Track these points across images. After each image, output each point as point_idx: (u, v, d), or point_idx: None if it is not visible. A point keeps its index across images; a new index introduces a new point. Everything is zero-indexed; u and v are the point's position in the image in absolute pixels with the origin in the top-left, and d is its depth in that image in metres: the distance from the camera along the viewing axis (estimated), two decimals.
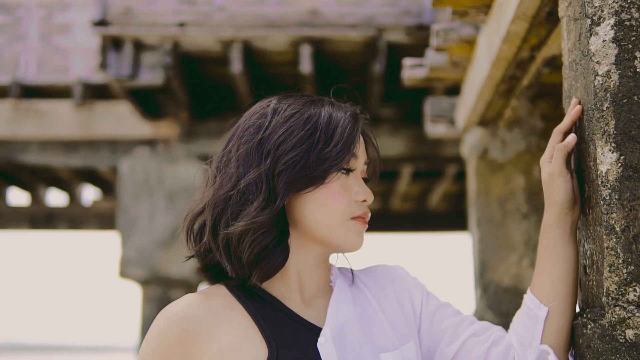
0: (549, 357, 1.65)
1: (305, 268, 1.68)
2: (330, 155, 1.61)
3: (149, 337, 1.60)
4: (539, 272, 1.75)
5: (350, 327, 1.67)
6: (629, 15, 1.67)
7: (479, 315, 4.41)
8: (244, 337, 1.58)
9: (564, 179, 1.70)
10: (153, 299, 7.10)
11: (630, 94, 1.65)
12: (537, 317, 1.70)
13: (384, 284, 1.81)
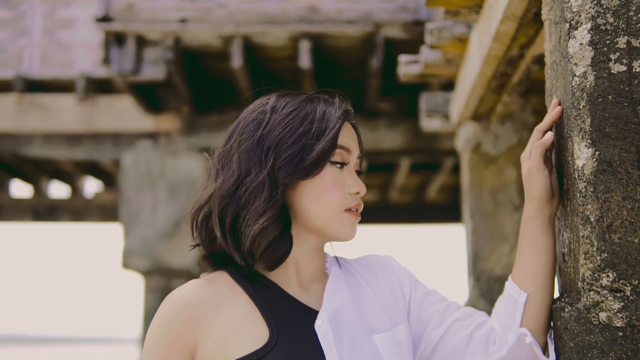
0: (526, 339, 1.75)
1: (302, 256, 1.77)
2: (324, 148, 1.69)
3: (156, 321, 1.68)
4: (519, 260, 1.85)
5: (345, 311, 1.76)
6: (604, 20, 1.76)
7: (472, 303, 4.52)
8: (246, 319, 1.66)
9: (542, 174, 1.80)
10: (155, 289, 7.15)
11: (605, 93, 1.74)
12: (517, 303, 1.80)
13: (376, 272, 1.90)
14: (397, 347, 1.77)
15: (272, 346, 1.62)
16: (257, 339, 1.63)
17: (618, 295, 1.68)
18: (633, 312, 1.65)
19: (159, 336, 1.66)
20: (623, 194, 1.71)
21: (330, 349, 1.66)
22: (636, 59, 1.74)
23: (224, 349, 1.63)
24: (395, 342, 1.78)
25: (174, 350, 1.65)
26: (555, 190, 1.87)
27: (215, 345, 1.64)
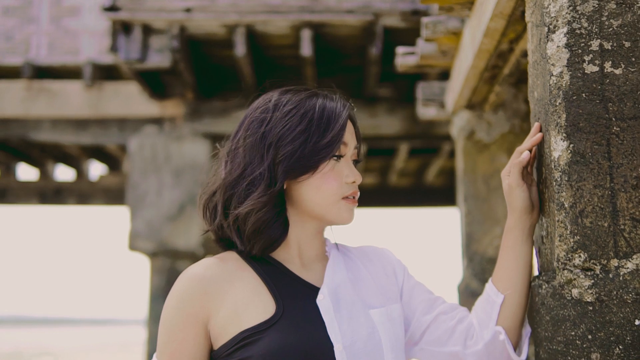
0: (500, 336, 1.90)
1: (303, 238, 1.91)
2: (322, 146, 1.82)
3: (173, 294, 1.81)
4: (499, 266, 2.00)
5: (344, 288, 1.89)
6: (579, 25, 1.87)
7: (465, 283, 4.65)
8: (254, 294, 1.80)
9: (521, 189, 1.94)
10: (161, 270, 7.23)
11: (579, 91, 1.85)
12: (494, 303, 1.95)
13: (373, 258, 2.05)
14: (391, 322, 1.90)
15: (278, 317, 1.75)
16: (265, 311, 1.77)
17: (589, 274, 1.80)
18: (602, 289, 1.77)
19: (175, 309, 1.79)
20: (594, 182, 1.83)
21: (331, 320, 1.79)
22: (607, 60, 1.85)
23: (235, 320, 1.75)
24: (389, 317, 1.90)
25: (189, 321, 1.77)
26: (534, 203, 1.99)
27: (227, 317, 1.76)
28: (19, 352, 38.23)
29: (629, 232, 1.80)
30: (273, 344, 1.71)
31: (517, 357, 1.96)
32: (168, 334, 1.78)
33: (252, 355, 1.71)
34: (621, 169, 1.83)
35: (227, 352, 1.75)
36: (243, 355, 1.72)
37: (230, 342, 1.74)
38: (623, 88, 1.85)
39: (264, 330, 1.74)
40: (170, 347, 1.78)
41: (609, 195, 1.82)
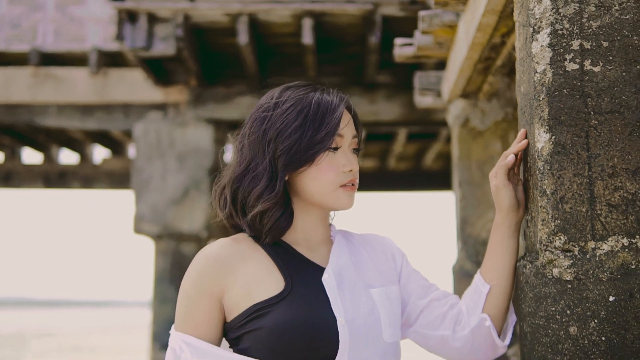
0: (486, 322, 2.06)
1: (309, 224, 2.05)
2: (317, 141, 1.94)
3: (191, 271, 1.96)
4: (487, 258, 2.15)
5: (347, 269, 2.03)
6: (561, 26, 1.98)
7: (459, 264, 4.74)
8: (265, 271, 1.95)
9: (507, 189, 2.08)
10: (166, 252, 7.33)
11: (560, 88, 1.97)
12: (481, 292, 2.11)
13: (375, 244, 2.19)
14: (389, 301, 2.04)
15: (287, 293, 1.90)
16: (275, 287, 1.92)
17: (568, 255, 1.92)
18: (579, 268, 1.90)
19: (192, 285, 1.94)
20: (574, 171, 1.95)
21: (335, 297, 1.94)
22: (587, 59, 1.97)
23: (247, 295, 1.91)
24: (388, 297, 2.04)
25: (206, 296, 1.92)
26: (520, 202, 2.13)
27: (240, 292, 1.91)
28: (22, 334, 38.31)
29: (605, 217, 1.92)
30: (282, 317, 1.86)
31: (501, 342, 2.11)
32: (186, 308, 1.93)
33: (263, 327, 1.85)
34: (598, 159, 1.95)
35: (240, 323, 1.89)
36: (254, 326, 1.86)
37: (243, 315, 1.89)
38: (601, 84, 1.97)
39: (273, 304, 1.88)
40: (187, 319, 1.92)
41: (587, 183, 1.94)
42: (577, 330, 1.90)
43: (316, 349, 1.86)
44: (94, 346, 30.10)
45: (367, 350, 1.94)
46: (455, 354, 2.14)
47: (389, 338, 2.00)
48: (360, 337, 1.93)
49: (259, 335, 1.86)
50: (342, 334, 1.89)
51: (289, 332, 1.85)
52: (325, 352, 1.87)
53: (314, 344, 1.87)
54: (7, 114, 7.78)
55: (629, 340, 1.87)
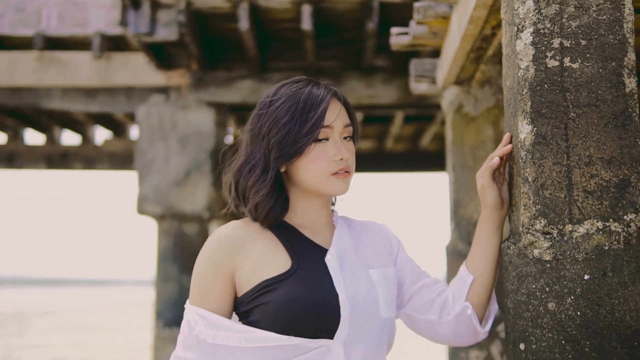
0: (468, 310, 2.24)
1: (311, 210, 2.21)
2: (303, 134, 2.08)
3: (206, 250, 2.13)
4: (472, 251, 2.32)
5: (348, 251, 2.19)
6: (543, 26, 2.12)
7: (452, 244, 4.88)
8: (273, 251, 2.11)
9: (492, 189, 2.24)
10: (169, 232, 7.44)
11: (542, 83, 2.11)
12: (465, 282, 2.28)
13: (373, 230, 2.36)
14: (386, 281, 2.21)
15: (293, 271, 2.07)
16: (282, 266, 2.09)
17: (547, 237, 2.07)
18: (558, 249, 2.05)
19: (207, 263, 2.11)
20: (553, 160, 2.08)
21: (337, 276, 2.10)
22: (567, 56, 2.11)
23: (257, 272, 2.07)
24: (385, 277, 2.22)
25: (219, 273, 2.09)
26: (505, 200, 2.28)
27: (250, 269, 2.08)
28: (22, 313, 38.40)
29: (582, 202, 2.07)
30: (289, 292, 2.03)
31: (482, 329, 2.28)
32: (200, 284, 2.11)
33: (271, 301, 2.02)
34: (576, 149, 2.08)
35: (250, 298, 2.06)
36: (263, 301, 2.03)
37: (253, 290, 2.06)
38: (579, 80, 2.10)
39: (281, 281, 2.05)
40: (202, 295, 2.10)
41: (566, 171, 2.08)
42: (555, 306, 2.05)
43: (319, 322, 2.02)
44: (94, 325, 30.22)
45: (365, 324, 2.10)
46: (440, 337, 2.32)
47: (386, 314, 2.16)
48: (359, 313, 2.09)
49: (268, 308, 2.03)
50: (344, 309, 2.05)
51: (295, 306, 2.01)
52: (328, 325, 2.03)
53: (317, 318, 2.03)
54: (12, 96, 7.83)
55: (602, 315, 2.02)
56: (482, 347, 4.79)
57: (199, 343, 2.07)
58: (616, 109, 2.11)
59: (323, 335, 2.04)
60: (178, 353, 2.12)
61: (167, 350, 7.35)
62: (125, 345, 20.67)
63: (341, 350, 2.05)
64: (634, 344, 2.02)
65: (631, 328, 2.03)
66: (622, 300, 2.04)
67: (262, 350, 2.02)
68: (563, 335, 2.05)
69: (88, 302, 52.47)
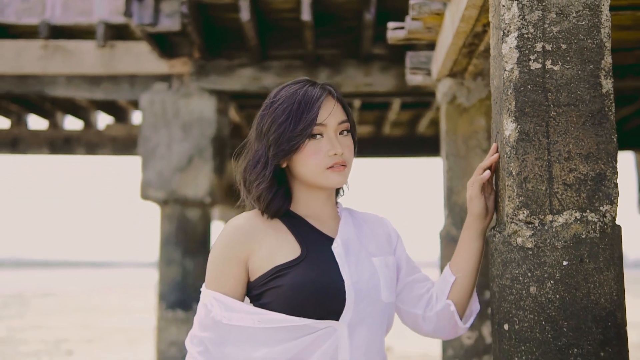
0: (450, 307, 2.44)
1: (316, 202, 2.37)
2: (297, 132, 2.23)
3: (221, 240, 2.28)
4: (456, 254, 2.50)
5: (352, 240, 2.35)
6: (527, 31, 2.24)
7: (446, 230, 5.01)
8: (284, 240, 2.28)
9: (479, 200, 2.41)
10: (171, 217, 7.55)
11: (525, 84, 2.23)
12: (447, 282, 2.46)
13: (374, 222, 2.52)
14: (387, 269, 2.37)
15: (303, 258, 2.24)
16: (293, 253, 2.25)
17: (529, 226, 2.20)
18: (539, 238, 2.18)
19: (222, 251, 2.27)
20: (535, 155, 2.21)
21: (342, 263, 2.26)
22: (548, 59, 2.23)
23: (269, 259, 2.24)
24: (386, 265, 2.38)
25: (233, 260, 2.26)
26: (490, 210, 2.46)
27: (263, 256, 2.25)
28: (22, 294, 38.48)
29: (561, 194, 2.20)
30: (299, 277, 2.19)
31: (463, 325, 2.49)
32: (216, 270, 2.28)
33: (283, 285, 2.20)
34: (556, 145, 2.21)
35: (263, 282, 2.23)
36: (275, 284, 2.21)
37: (266, 275, 2.23)
38: (560, 81, 2.23)
39: (292, 267, 2.22)
40: (217, 280, 2.27)
41: (547, 166, 2.21)
42: (536, 290, 2.19)
43: (326, 305, 2.20)
44: (95, 306, 30.34)
45: (368, 307, 2.27)
46: (421, 330, 2.52)
47: (387, 299, 2.33)
48: (363, 297, 2.26)
49: (279, 291, 2.20)
50: (349, 293, 2.22)
51: (305, 290, 2.18)
52: (334, 308, 2.20)
53: (325, 301, 2.20)
54: (18, 84, 7.88)
55: (579, 298, 2.17)
56: (473, 328, 4.97)
57: (215, 324, 2.24)
58: (594, 108, 2.23)
59: (329, 317, 2.20)
60: (195, 333, 2.28)
61: (170, 331, 7.50)
62: (127, 327, 20.80)
63: (345, 331, 2.21)
64: (607, 324, 2.17)
65: (605, 310, 2.16)
66: (597, 285, 2.18)
67: (273, 330, 2.19)
68: (543, 316, 2.18)
69: (88, 284, 52.53)
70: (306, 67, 7.80)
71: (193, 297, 7.54)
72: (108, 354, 14.96)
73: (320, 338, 2.20)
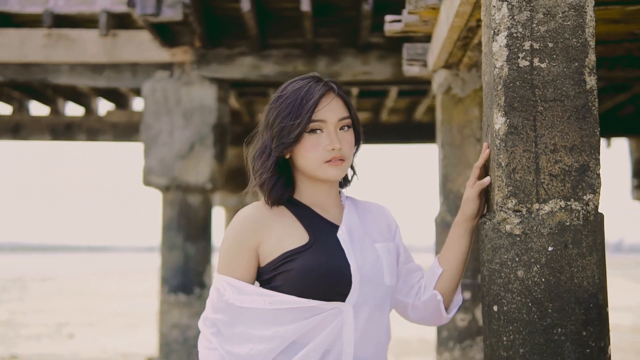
0: (437, 297, 2.57)
1: (319, 191, 2.48)
2: (296, 127, 2.34)
3: (232, 228, 2.41)
4: (444, 248, 2.63)
5: (356, 228, 2.47)
6: (516, 30, 2.33)
7: (441, 216, 5.13)
8: (292, 227, 2.40)
9: (474, 203, 2.54)
10: (173, 203, 7.67)
11: (514, 80, 2.33)
12: (435, 273, 2.60)
13: (375, 211, 2.63)
14: (389, 254, 2.50)
15: (311, 244, 2.36)
16: (301, 240, 2.38)
17: (517, 214, 2.30)
18: (526, 225, 2.29)
19: (234, 239, 2.40)
20: (523, 148, 2.31)
21: (348, 249, 2.39)
22: (536, 57, 2.32)
23: (279, 245, 2.37)
24: (388, 250, 2.50)
25: (245, 248, 2.38)
26: (480, 212, 2.56)
27: (273, 243, 2.37)
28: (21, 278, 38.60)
29: (547, 185, 2.30)
30: (307, 262, 2.33)
31: (446, 315, 2.64)
32: (229, 257, 2.41)
33: (292, 269, 2.33)
34: (543, 138, 2.31)
35: (274, 266, 2.37)
36: (285, 269, 2.34)
37: (276, 260, 2.37)
38: (546, 78, 2.32)
39: (300, 252, 2.35)
40: (229, 266, 2.40)
41: (534, 157, 2.31)
42: (523, 274, 2.31)
43: (334, 288, 2.34)
44: (94, 290, 30.45)
45: (372, 290, 2.42)
46: (408, 317, 2.67)
47: (389, 282, 2.47)
48: (367, 280, 2.40)
49: (289, 275, 2.34)
50: (354, 277, 2.36)
51: (313, 274, 2.32)
52: (341, 290, 2.35)
53: (332, 284, 2.34)
54: (22, 72, 7.95)
55: (563, 281, 2.28)
56: (467, 311, 5.12)
57: (228, 306, 2.38)
58: (578, 104, 2.33)
59: (336, 298, 2.34)
60: (207, 315, 2.42)
61: (172, 314, 7.65)
62: (127, 311, 20.93)
63: (351, 312, 2.36)
64: (589, 305, 2.28)
65: (587, 292, 2.28)
66: (580, 269, 2.29)
67: (283, 311, 2.33)
68: (530, 298, 2.30)
69: (86, 268, 52.62)
70: (305, 56, 7.88)
71: (194, 281, 7.67)
72: (108, 338, 15.10)
73: (327, 318, 2.33)
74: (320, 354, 2.34)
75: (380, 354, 2.46)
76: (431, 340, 13.35)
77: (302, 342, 2.35)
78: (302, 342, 2.35)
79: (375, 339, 2.44)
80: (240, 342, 2.36)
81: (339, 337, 2.35)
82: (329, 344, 2.35)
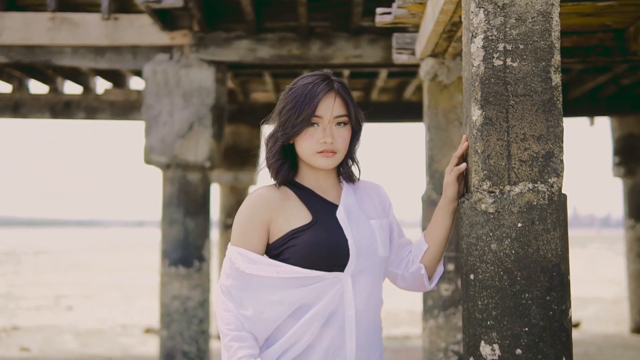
0: (422, 270, 2.79)
1: (318, 176, 2.70)
2: (299, 121, 2.56)
3: (247, 206, 2.62)
4: (429, 226, 2.83)
5: (353, 206, 2.68)
6: (491, 33, 2.54)
7: (427, 194, 5.38)
8: (297, 208, 2.62)
9: (454, 186, 2.74)
10: (173, 180, 7.86)
11: (489, 78, 2.53)
12: (421, 249, 2.81)
13: (370, 189, 2.83)
14: (382, 229, 2.71)
15: (314, 223, 2.60)
16: (305, 218, 2.61)
17: (491, 195, 2.51)
18: (499, 204, 2.50)
19: (248, 216, 2.61)
20: (497, 137, 2.51)
21: (346, 227, 2.62)
22: (508, 57, 2.52)
23: (287, 223, 2.60)
24: (382, 226, 2.71)
25: (257, 224, 2.59)
26: (460, 194, 2.75)
27: (282, 221, 2.60)
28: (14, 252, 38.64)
29: (517, 169, 2.51)
30: (312, 238, 2.57)
31: (429, 285, 2.85)
32: (242, 231, 2.65)
33: (298, 243, 2.57)
34: (514, 129, 2.51)
35: (282, 242, 2.61)
36: (293, 243, 2.58)
37: (285, 236, 2.61)
38: (517, 76, 2.52)
39: (305, 230, 2.59)
40: (242, 239, 2.64)
41: (506, 145, 2.51)
42: (496, 247, 2.52)
43: (334, 259, 2.57)
44: (88, 264, 30.60)
45: (367, 261, 2.65)
46: (397, 284, 2.94)
47: (382, 254, 2.68)
48: (363, 252, 2.61)
49: (295, 249, 2.58)
50: (352, 250, 2.59)
51: (316, 248, 2.56)
52: (340, 262, 2.58)
53: (332, 256, 2.57)
54: (26, 54, 8.07)
55: (530, 253, 2.51)
56: (450, 281, 5.43)
57: (239, 274, 2.63)
58: (545, 98, 2.53)
59: (336, 269, 2.58)
60: (222, 282, 2.67)
61: (172, 285, 7.88)
62: (121, 284, 21.15)
63: (349, 280, 2.59)
64: (553, 274, 2.52)
65: (551, 262, 2.51)
66: (545, 242, 2.51)
67: (290, 279, 2.57)
68: (501, 268, 2.51)
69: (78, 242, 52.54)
70: (299, 39, 8.04)
71: (194, 255, 7.90)
72: (106, 310, 15.35)
73: (328, 285, 2.57)
74: (325, 317, 2.61)
75: (376, 315, 2.74)
76: (418, 311, 13.71)
77: (307, 306, 2.58)
78: (307, 306, 2.58)
79: (371, 303, 2.70)
80: (251, 305, 2.57)
81: (341, 302, 2.58)
82: (332, 308, 2.58)
